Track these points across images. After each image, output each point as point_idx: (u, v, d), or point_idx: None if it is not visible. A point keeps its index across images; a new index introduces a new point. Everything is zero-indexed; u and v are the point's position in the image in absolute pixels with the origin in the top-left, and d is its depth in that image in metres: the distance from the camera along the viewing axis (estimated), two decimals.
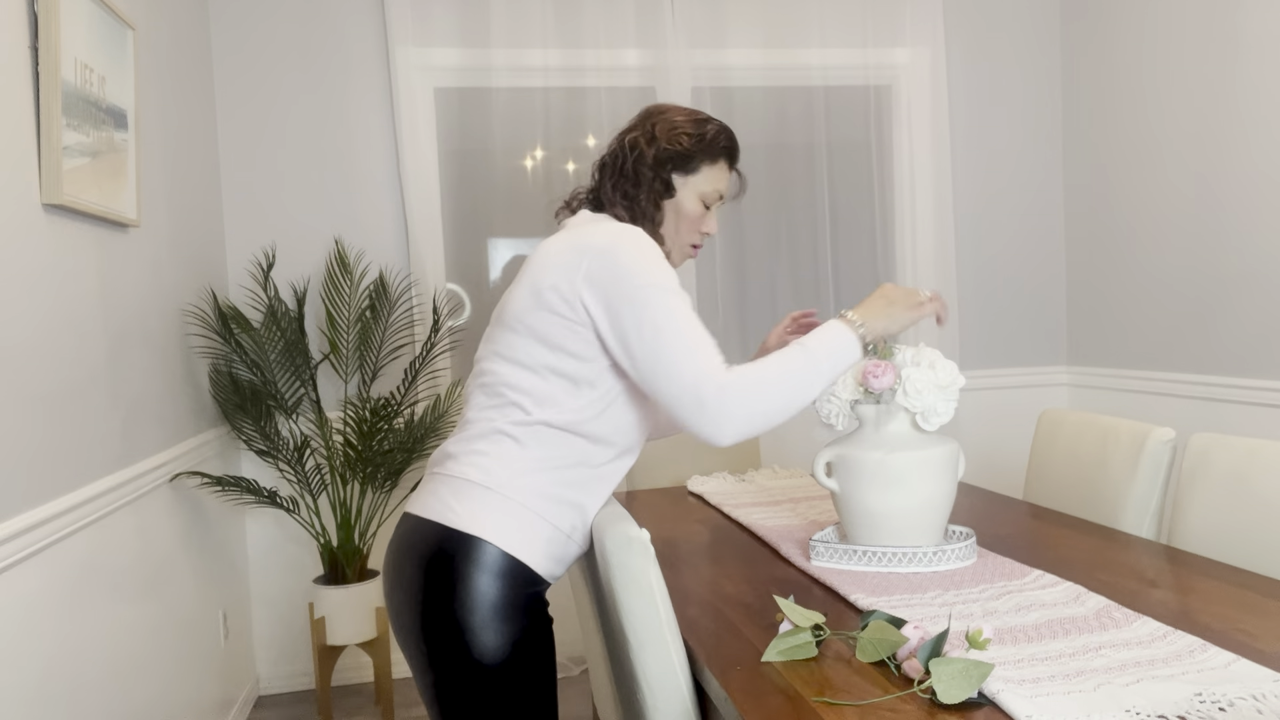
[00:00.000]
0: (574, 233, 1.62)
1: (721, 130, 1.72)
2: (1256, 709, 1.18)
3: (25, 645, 1.80)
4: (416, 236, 3.53)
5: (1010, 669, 1.33)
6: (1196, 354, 3.39)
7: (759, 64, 3.75)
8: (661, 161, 1.67)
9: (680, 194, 1.70)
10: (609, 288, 1.53)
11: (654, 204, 1.68)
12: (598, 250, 1.55)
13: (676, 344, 1.50)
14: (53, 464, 1.96)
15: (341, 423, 3.25)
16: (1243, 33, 3.12)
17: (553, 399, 1.57)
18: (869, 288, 3.90)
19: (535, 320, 1.56)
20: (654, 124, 1.70)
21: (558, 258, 1.57)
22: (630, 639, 1.49)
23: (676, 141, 1.68)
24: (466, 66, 3.57)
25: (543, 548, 1.55)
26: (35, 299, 1.91)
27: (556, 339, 1.55)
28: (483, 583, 1.50)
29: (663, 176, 1.68)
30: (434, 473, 1.61)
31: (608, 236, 1.57)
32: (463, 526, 1.51)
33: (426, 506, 1.56)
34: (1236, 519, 2.06)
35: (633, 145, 1.69)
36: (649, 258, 1.55)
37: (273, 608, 3.56)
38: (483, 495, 1.54)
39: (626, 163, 1.68)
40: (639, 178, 1.67)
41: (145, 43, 2.64)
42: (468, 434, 1.60)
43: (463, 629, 1.50)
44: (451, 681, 1.51)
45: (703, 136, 1.69)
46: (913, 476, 1.84)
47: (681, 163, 1.69)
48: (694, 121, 1.70)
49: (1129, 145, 3.64)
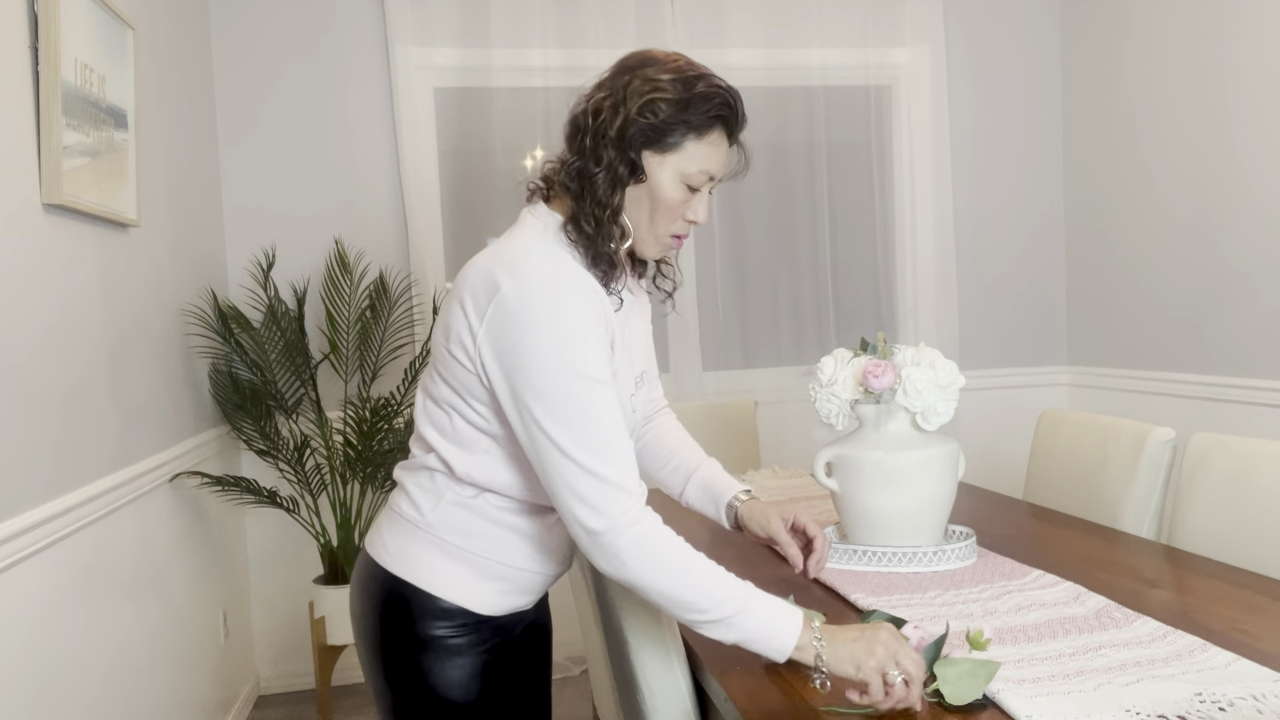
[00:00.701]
0: (495, 249, 1.35)
1: (716, 92, 1.32)
2: (1256, 709, 1.18)
3: (25, 645, 1.79)
4: (416, 236, 3.53)
5: (1010, 669, 1.33)
6: (1196, 354, 3.39)
7: (759, 64, 3.75)
8: (629, 137, 1.30)
9: (655, 177, 1.32)
10: (506, 357, 1.26)
11: (612, 188, 1.32)
12: (503, 300, 1.25)
13: (581, 458, 1.23)
14: (53, 464, 1.96)
15: (341, 423, 3.25)
16: (1242, 32, 3.12)
17: (452, 440, 1.37)
18: (869, 288, 3.90)
19: (442, 356, 1.35)
20: (628, 81, 1.33)
21: (471, 284, 1.30)
22: (630, 640, 1.49)
23: (650, 110, 1.30)
24: (466, 66, 3.57)
25: (482, 586, 1.39)
26: (35, 299, 1.91)
27: (454, 375, 1.34)
28: (429, 627, 1.38)
29: (628, 156, 1.31)
30: (387, 505, 1.49)
31: (512, 282, 1.26)
32: (398, 571, 1.39)
33: (371, 542, 1.46)
34: (1236, 519, 2.06)
35: (595, 110, 1.33)
36: (561, 322, 1.25)
37: (273, 608, 3.56)
38: (413, 534, 1.40)
39: (585, 134, 1.33)
40: (598, 155, 1.31)
41: (145, 43, 2.64)
42: (406, 466, 1.46)
43: (422, 671, 1.39)
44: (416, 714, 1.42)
45: (687, 102, 1.30)
46: (913, 476, 1.84)
47: (656, 137, 1.31)
48: (680, 80, 1.31)
49: (1129, 145, 3.64)
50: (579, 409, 1.24)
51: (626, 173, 1.32)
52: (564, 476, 1.24)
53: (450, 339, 1.32)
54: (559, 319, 1.25)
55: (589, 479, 1.23)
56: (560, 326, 1.25)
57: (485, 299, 1.27)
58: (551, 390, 1.24)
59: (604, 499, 1.23)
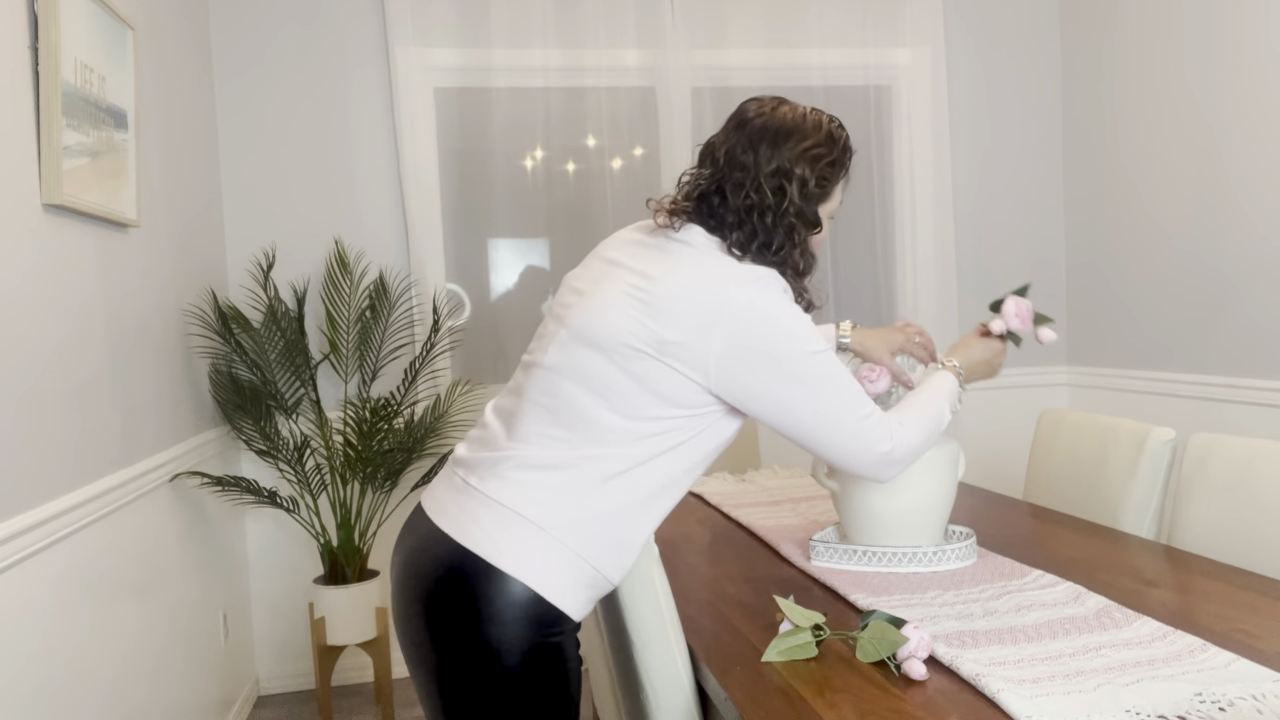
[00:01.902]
0: (700, 272, 1.40)
1: (847, 137, 1.54)
2: (1256, 709, 1.18)
3: (25, 645, 1.79)
4: (416, 236, 3.53)
5: (1010, 669, 1.33)
6: (1196, 354, 3.39)
7: (759, 64, 3.75)
8: (811, 200, 1.47)
9: (823, 227, 1.52)
10: (756, 363, 1.38)
11: (805, 255, 1.49)
12: (738, 314, 1.36)
13: (849, 417, 1.45)
14: (53, 464, 1.96)
15: (341, 423, 3.25)
16: (1243, 31, 3.12)
17: (638, 443, 1.40)
18: (869, 287, 3.90)
19: (648, 369, 1.37)
20: (788, 157, 1.45)
21: (687, 305, 1.37)
22: (634, 639, 1.49)
23: (822, 179, 1.48)
24: (466, 66, 3.57)
25: (584, 592, 1.40)
26: (35, 299, 1.91)
27: (668, 393, 1.38)
28: (511, 615, 1.35)
29: (809, 218, 1.48)
30: (473, 487, 1.42)
31: (746, 294, 1.37)
32: (504, 565, 1.35)
33: (462, 528, 1.39)
34: (1236, 519, 2.06)
35: (778, 189, 1.44)
36: (795, 316, 1.41)
37: (273, 608, 3.56)
38: (535, 535, 1.36)
39: (768, 215, 1.44)
40: (793, 232, 1.46)
41: (145, 43, 2.64)
42: (523, 457, 1.40)
43: (488, 658, 1.37)
44: (460, 673, 1.38)
45: (837, 160, 1.50)
46: (913, 476, 1.84)
47: (824, 196, 1.50)
48: (827, 140, 1.49)
49: (1129, 145, 3.64)
50: (833, 381, 1.44)
51: (808, 231, 1.49)
52: (840, 439, 1.46)
53: (661, 349, 1.38)
54: (786, 305, 1.42)
55: (859, 435, 1.47)
56: (791, 313, 1.42)
57: (713, 313, 1.37)
58: (807, 373, 1.42)
59: (875, 442, 1.49)
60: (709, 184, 1.47)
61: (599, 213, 3.68)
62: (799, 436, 1.46)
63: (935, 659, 1.40)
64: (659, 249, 1.45)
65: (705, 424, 1.43)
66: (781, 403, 1.41)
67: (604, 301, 1.42)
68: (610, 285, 1.43)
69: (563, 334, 1.44)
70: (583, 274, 1.52)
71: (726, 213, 1.45)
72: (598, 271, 1.48)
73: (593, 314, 1.42)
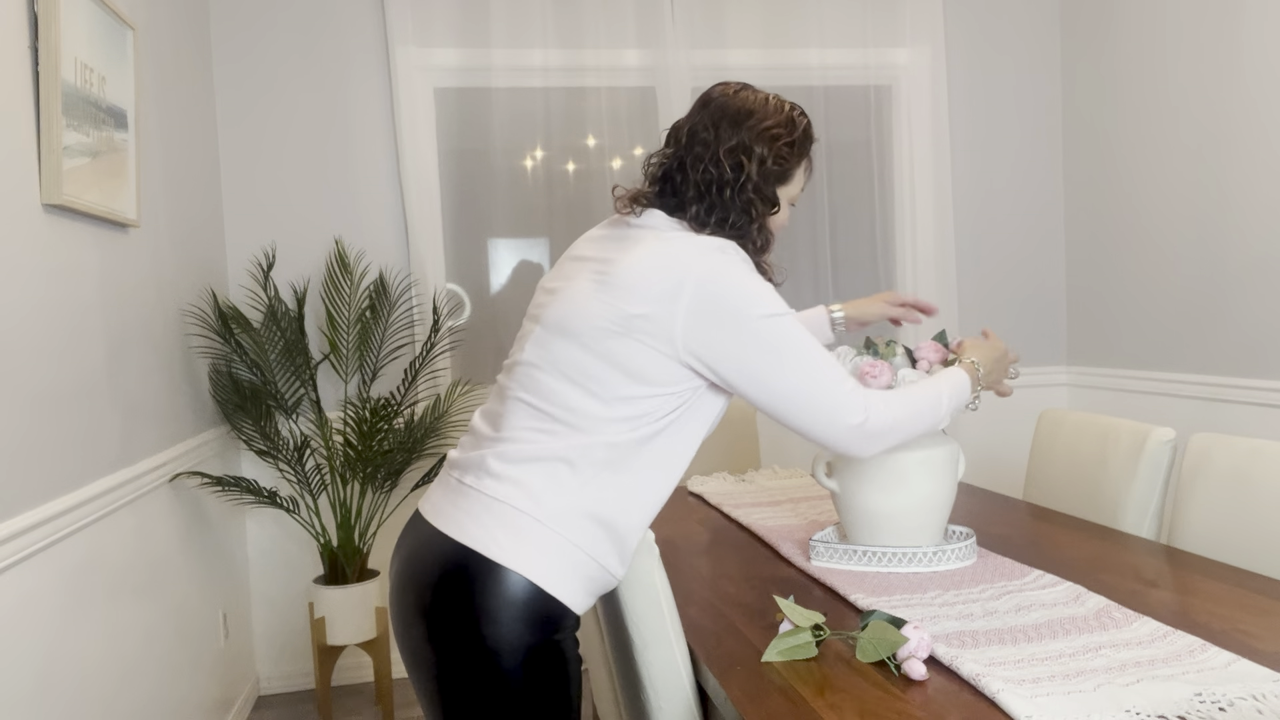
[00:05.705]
0: (656, 247, 1.43)
1: (808, 121, 1.57)
2: (1256, 709, 1.18)
3: (25, 645, 1.80)
4: (416, 236, 3.53)
5: (1010, 669, 1.33)
6: (1196, 354, 3.39)
7: (759, 64, 3.75)
8: (769, 179, 1.50)
9: (781, 209, 1.56)
10: (722, 326, 1.39)
11: (762, 232, 1.51)
12: (699, 279, 1.39)
13: (815, 379, 1.44)
14: (53, 464, 1.96)
15: (341, 423, 3.25)
16: (1243, 31, 3.12)
17: (621, 426, 1.41)
18: (869, 287, 3.90)
19: (618, 348, 1.39)
20: (746, 135, 1.50)
21: (649, 276, 1.40)
22: (635, 639, 1.49)
23: (779, 157, 1.51)
24: (466, 66, 3.57)
25: (583, 585, 1.41)
26: (35, 299, 1.91)
27: (641, 370, 1.40)
28: (511, 614, 1.36)
29: (766, 196, 1.51)
30: (467, 486, 1.43)
31: (705, 260, 1.40)
32: (502, 559, 1.36)
33: (459, 526, 1.39)
34: (1237, 519, 2.06)
35: (736, 165, 1.48)
36: (754, 280, 1.43)
37: (273, 608, 3.56)
38: (530, 527, 1.37)
39: (726, 190, 1.48)
40: (750, 208, 1.49)
41: (145, 43, 2.64)
42: (512, 452, 1.42)
43: (488, 659, 1.37)
44: (461, 674, 1.39)
45: (796, 143, 1.53)
46: (913, 476, 1.84)
47: (783, 176, 1.53)
48: (786, 122, 1.53)
49: (1129, 144, 3.64)
50: (794, 343, 1.43)
51: (766, 209, 1.52)
52: (808, 404, 1.45)
53: (627, 327, 1.40)
54: (745, 270, 1.44)
55: (828, 399, 1.46)
56: (749, 276, 1.44)
57: (674, 283, 1.39)
58: (767, 335, 1.42)
59: (845, 410, 1.46)
60: (671, 161, 1.52)
61: (599, 213, 3.68)
62: (769, 404, 1.45)
63: (935, 659, 1.40)
64: (620, 237, 1.50)
65: (684, 401, 1.44)
66: (751, 369, 1.41)
67: (572, 293, 1.45)
68: (577, 279, 1.47)
69: (538, 331, 1.47)
70: (554, 274, 1.56)
71: (687, 188, 1.49)
72: (567, 270, 1.52)
73: (563, 306, 1.45)
